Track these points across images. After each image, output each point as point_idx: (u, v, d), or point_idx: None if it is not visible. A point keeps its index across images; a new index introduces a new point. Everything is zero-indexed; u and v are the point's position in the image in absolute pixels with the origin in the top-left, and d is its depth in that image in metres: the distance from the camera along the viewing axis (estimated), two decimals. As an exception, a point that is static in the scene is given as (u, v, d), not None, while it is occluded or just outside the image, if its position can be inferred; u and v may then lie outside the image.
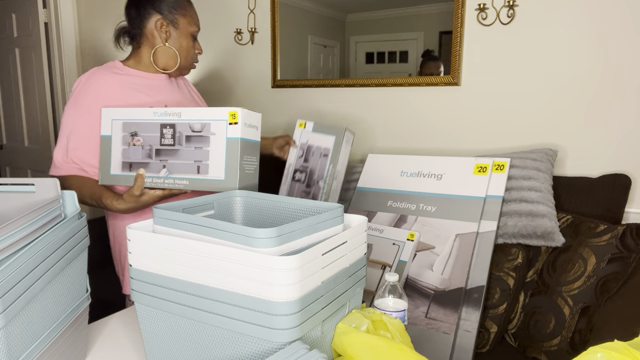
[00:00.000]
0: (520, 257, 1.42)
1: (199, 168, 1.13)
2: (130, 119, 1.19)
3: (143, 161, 1.18)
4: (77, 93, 1.28)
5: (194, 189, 1.14)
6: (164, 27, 1.32)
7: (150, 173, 1.17)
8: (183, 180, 1.14)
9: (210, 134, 1.12)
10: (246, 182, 1.13)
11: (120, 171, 1.20)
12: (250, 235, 0.66)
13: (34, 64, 2.96)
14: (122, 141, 1.20)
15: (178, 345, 0.76)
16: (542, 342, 1.32)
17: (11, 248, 0.65)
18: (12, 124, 3.25)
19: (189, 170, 1.14)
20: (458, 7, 1.78)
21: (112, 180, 1.22)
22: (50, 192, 0.79)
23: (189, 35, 1.37)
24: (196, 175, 1.13)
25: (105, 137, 1.22)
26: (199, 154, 1.13)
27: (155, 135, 1.17)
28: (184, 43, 1.37)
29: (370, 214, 1.62)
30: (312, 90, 2.20)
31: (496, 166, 1.50)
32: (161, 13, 1.31)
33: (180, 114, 1.15)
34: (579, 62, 1.63)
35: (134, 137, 1.19)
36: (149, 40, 1.34)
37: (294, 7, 2.21)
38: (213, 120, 1.12)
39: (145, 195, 1.16)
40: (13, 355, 0.64)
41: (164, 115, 1.16)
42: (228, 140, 1.10)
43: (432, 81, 1.89)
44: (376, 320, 0.79)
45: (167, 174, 1.16)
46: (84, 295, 0.85)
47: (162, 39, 1.33)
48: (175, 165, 1.15)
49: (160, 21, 1.31)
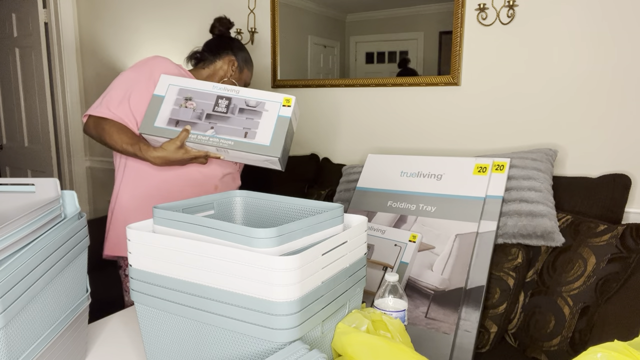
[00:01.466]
0: (520, 257, 1.42)
1: (246, 133, 1.27)
2: (188, 86, 1.33)
3: (191, 121, 1.30)
4: (143, 62, 1.43)
5: (238, 149, 1.26)
6: (234, 67, 1.55)
7: (196, 131, 1.28)
8: (229, 140, 1.27)
9: (264, 110, 1.29)
10: (284, 156, 1.29)
11: (165, 125, 1.30)
12: (250, 235, 0.66)
13: (34, 64, 2.96)
14: (175, 102, 1.32)
15: (178, 345, 0.76)
16: (542, 342, 1.32)
17: (11, 248, 0.65)
18: (12, 124, 3.25)
19: (237, 134, 1.27)
20: (458, 7, 1.78)
21: (154, 131, 1.30)
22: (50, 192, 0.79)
23: (243, 82, 1.61)
24: (243, 138, 1.27)
25: (158, 96, 1.33)
26: (248, 123, 1.28)
27: (209, 103, 1.31)
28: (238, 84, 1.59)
29: (370, 214, 1.62)
30: (312, 90, 2.20)
31: (496, 166, 1.50)
32: (236, 58, 1.56)
33: (239, 91, 1.32)
34: (579, 62, 1.63)
35: (188, 101, 1.32)
36: (215, 69, 1.55)
37: (294, 7, 2.21)
38: (269, 100, 1.30)
39: (183, 148, 1.29)
40: (13, 355, 0.64)
41: (223, 89, 1.32)
42: (279, 117, 1.28)
43: (432, 81, 1.89)
44: (376, 320, 0.79)
45: (214, 134, 1.28)
46: (84, 295, 0.85)
47: (228, 74, 1.56)
48: (224, 128, 1.28)
49: (233, 62, 1.55)
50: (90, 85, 3.04)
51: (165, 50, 2.66)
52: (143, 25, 2.71)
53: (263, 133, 1.27)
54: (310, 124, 2.24)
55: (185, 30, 2.57)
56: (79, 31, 3.01)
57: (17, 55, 3.07)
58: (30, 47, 2.95)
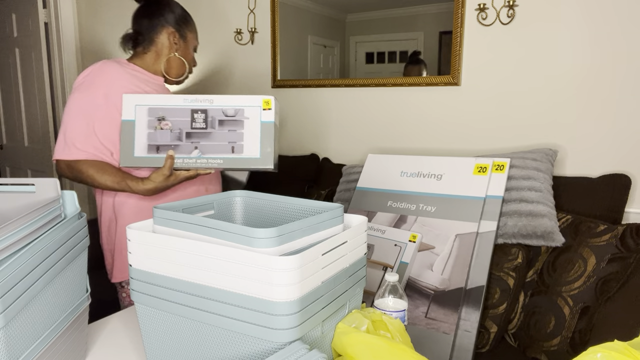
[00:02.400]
0: (520, 257, 1.42)
1: (233, 148, 1.21)
2: (157, 104, 1.24)
3: (172, 143, 1.23)
4: (91, 80, 1.31)
5: (228, 167, 1.21)
6: (175, 39, 1.41)
7: (180, 154, 1.22)
8: (217, 159, 1.22)
9: (244, 118, 1.21)
10: (275, 161, 1.24)
11: (146, 153, 1.23)
12: (250, 235, 0.66)
13: (34, 64, 2.96)
14: (148, 125, 1.23)
15: (178, 345, 0.76)
16: (542, 342, 1.32)
17: (11, 248, 0.65)
18: (12, 124, 3.25)
19: (223, 150, 1.21)
20: (458, 7, 1.78)
21: (136, 162, 1.24)
22: (50, 192, 0.79)
23: (191, 48, 1.48)
24: (231, 154, 1.21)
25: (128, 121, 1.24)
26: (232, 136, 1.21)
27: (185, 119, 1.23)
28: (188, 55, 1.47)
29: (370, 214, 1.62)
30: (312, 90, 2.20)
31: (496, 166, 1.50)
32: (174, 26, 1.40)
33: (213, 100, 1.23)
34: (578, 62, 1.63)
35: (162, 122, 1.23)
36: (158, 48, 1.41)
37: (294, 7, 2.21)
38: (247, 106, 1.21)
39: (172, 175, 1.23)
40: (13, 355, 0.64)
41: (195, 101, 1.23)
42: (262, 123, 1.21)
43: (432, 81, 1.89)
44: (376, 320, 0.79)
45: (200, 154, 1.22)
46: (84, 295, 0.85)
47: (173, 49, 1.41)
48: (208, 146, 1.22)
49: (173, 34, 1.40)
50: (90, 85, 3.04)
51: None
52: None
53: (250, 144, 1.20)
54: (310, 124, 2.24)
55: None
56: (79, 31, 3.01)
57: (17, 55, 3.07)
58: (30, 47, 2.95)
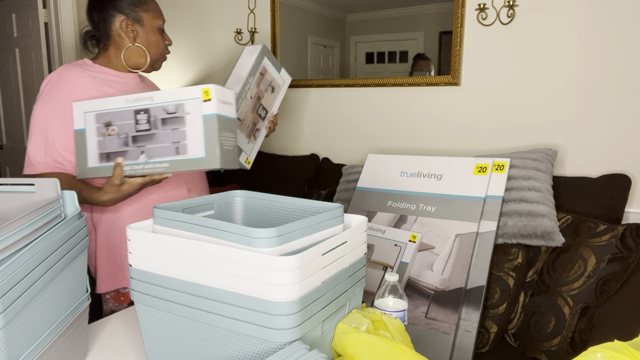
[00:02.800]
0: (520, 257, 1.42)
1: (177, 149, 1.10)
2: (102, 109, 1.16)
3: (120, 150, 1.15)
4: (49, 90, 1.26)
5: (175, 170, 1.12)
6: (129, 27, 1.30)
7: (128, 161, 1.14)
8: (163, 163, 1.12)
9: (185, 114, 1.09)
10: (226, 158, 1.10)
11: (99, 163, 1.17)
12: (250, 235, 0.66)
13: (34, 64, 2.96)
14: (97, 133, 1.17)
15: (178, 345, 0.76)
16: (542, 342, 1.32)
17: (11, 248, 0.65)
18: (12, 124, 3.25)
19: (168, 152, 1.11)
20: (458, 7, 1.78)
21: (91, 173, 1.18)
22: (50, 192, 0.79)
23: (155, 29, 1.34)
24: (176, 156, 1.11)
25: (79, 131, 1.19)
26: (176, 135, 1.10)
27: (129, 122, 1.14)
28: (152, 38, 1.34)
29: (370, 214, 1.62)
30: (312, 90, 2.20)
31: (496, 166, 1.50)
32: (124, 13, 1.29)
33: (153, 97, 1.12)
34: (579, 62, 1.63)
35: (109, 127, 1.16)
36: (116, 41, 1.32)
37: (294, 7, 2.21)
38: (187, 99, 1.09)
39: (125, 184, 1.15)
40: (13, 355, 0.64)
41: (136, 101, 1.14)
42: (204, 117, 1.08)
43: (432, 81, 1.89)
44: (376, 320, 0.79)
45: (147, 159, 1.13)
46: (84, 295, 0.85)
47: (130, 38, 1.30)
48: (154, 149, 1.12)
49: (125, 21, 1.29)
50: (90, 85, 3.04)
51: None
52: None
53: (193, 143, 1.09)
54: (310, 124, 2.24)
55: (185, 31, 2.57)
56: (79, 31, 3.01)
57: (17, 55, 3.07)
58: (30, 47, 2.95)
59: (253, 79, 1.42)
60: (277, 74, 1.52)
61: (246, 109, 1.41)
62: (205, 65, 2.50)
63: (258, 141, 1.50)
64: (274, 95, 1.53)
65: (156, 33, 1.35)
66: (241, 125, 1.39)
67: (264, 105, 1.50)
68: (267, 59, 1.47)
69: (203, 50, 2.50)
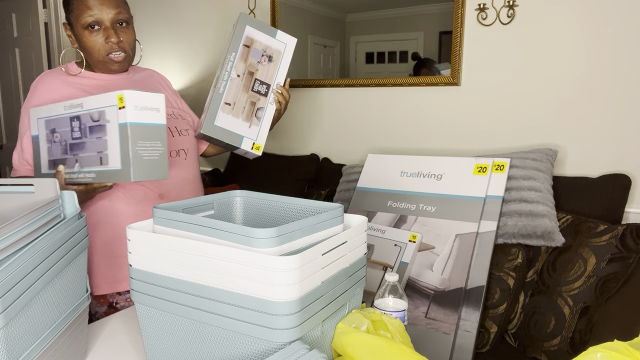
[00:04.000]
0: (520, 257, 1.42)
1: (101, 159, 1.04)
2: (48, 116, 1.14)
3: (62, 157, 1.11)
4: (29, 96, 1.25)
5: (99, 181, 1.06)
6: (67, 31, 1.27)
7: (68, 169, 1.10)
8: (91, 173, 1.07)
9: (106, 122, 1.03)
10: (145, 170, 1.01)
11: (48, 169, 1.15)
12: (250, 235, 0.66)
13: (34, 64, 2.96)
14: (46, 139, 1.14)
15: (178, 345, 0.76)
16: (542, 342, 1.32)
17: (11, 248, 0.65)
18: (12, 124, 3.25)
19: (94, 162, 1.06)
20: (458, 7, 1.78)
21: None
22: (49, 192, 0.79)
23: (82, 29, 1.22)
24: (100, 166, 1.05)
25: (35, 137, 1.18)
26: (100, 144, 1.05)
27: (67, 129, 1.10)
28: (83, 38, 1.23)
29: (370, 214, 1.62)
30: (312, 90, 2.20)
31: (496, 166, 1.50)
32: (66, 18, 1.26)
33: (82, 104, 1.07)
34: (578, 62, 1.63)
35: (54, 134, 1.12)
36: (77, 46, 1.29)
37: (294, 7, 2.21)
38: (106, 107, 1.02)
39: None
40: (13, 355, 0.64)
41: (70, 107, 1.09)
42: (120, 126, 1.00)
43: (432, 81, 1.89)
44: (376, 320, 0.79)
45: (80, 168, 1.08)
46: (84, 295, 0.85)
47: (71, 42, 1.27)
48: (84, 158, 1.08)
49: (65, 26, 1.27)
50: (90, 85, 3.04)
51: (166, 51, 2.67)
52: (143, 25, 2.71)
53: (113, 154, 1.02)
54: (310, 124, 2.24)
55: (185, 31, 2.57)
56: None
57: (17, 55, 3.07)
58: (30, 47, 2.95)
59: (235, 54, 1.31)
60: (271, 39, 1.36)
61: (234, 89, 1.30)
62: (206, 65, 2.50)
63: (265, 122, 1.35)
64: (273, 64, 1.37)
65: (84, 32, 1.22)
66: (233, 110, 1.29)
67: (261, 79, 1.35)
68: (251, 27, 1.33)
69: (203, 50, 2.50)
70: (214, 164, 2.55)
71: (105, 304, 1.29)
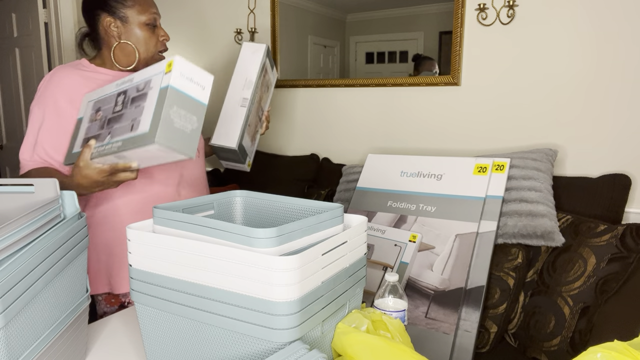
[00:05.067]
0: (520, 257, 1.42)
1: (132, 126, 0.99)
2: (98, 97, 1.14)
3: (97, 133, 1.09)
4: (42, 91, 1.25)
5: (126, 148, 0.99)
6: (112, 25, 1.27)
7: (98, 142, 1.06)
8: (118, 142, 1.01)
9: (149, 89, 0.99)
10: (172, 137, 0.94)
11: (79, 148, 1.12)
12: (250, 235, 0.66)
13: (34, 64, 2.96)
14: (89, 119, 1.13)
15: (178, 345, 0.76)
16: (542, 342, 1.32)
17: (11, 248, 0.65)
18: (12, 124, 3.25)
19: (125, 130, 1.01)
20: (458, 7, 1.78)
21: (74, 158, 1.12)
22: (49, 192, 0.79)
23: (142, 25, 1.29)
24: (129, 133, 0.99)
25: (79, 120, 1.17)
26: (136, 112, 1.00)
27: (110, 106, 1.09)
28: (140, 35, 1.29)
29: (370, 214, 1.62)
30: (312, 90, 2.20)
31: (496, 166, 1.50)
32: (108, 11, 1.26)
33: (133, 78, 1.06)
34: (578, 62, 1.63)
35: (97, 113, 1.12)
36: (106, 40, 1.30)
37: (294, 7, 2.21)
38: (154, 75, 1.00)
39: (87, 167, 1.05)
40: (13, 355, 0.64)
41: (121, 84, 1.09)
42: (160, 90, 0.96)
43: (432, 81, 1.89)
44: (376, 320, 0.79)
45: (110, 140, 1.03)
46: (84, 295, 0.85)
47: (115, 37, 1.28)
48: (117, 129, 1.03)
49: (108, 20, 1.27)
50: (90, 85, 3.04)
51: (165, 50, 2.66)
52: (143, 25, 2.70)
53: (145, 119, 0.96)
54: (310, 124, 2.24)
55: (185, 30, 2.57)
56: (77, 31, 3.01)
57: (17, 55, 3.07)
58: (30, 47, 2.95)
59: (259, 81, 1.43)
60: (271, 72, 1.53)
61: (253, 113, 1.42)
62: (206, 65, 2.49)
63: (256, 142, 1.52)
64: (268, 94, 1.53)
65: (144, 29, 1.29)
66: (248, 131, 1.40)
67: (262, 106, 1.50)
68: (267, 58, 1.47)
69: (203, 50, 2.50)
70: (214, 164, 2.55)
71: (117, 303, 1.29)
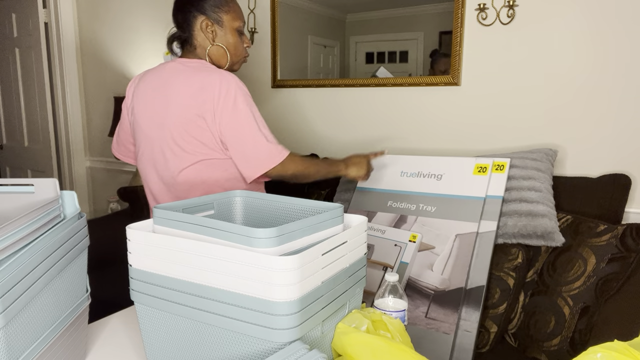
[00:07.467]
0: (520, 257, 1.42)
1: None
2: None
3: None
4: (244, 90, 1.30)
5: None
6: (209, 27, 1.34)
7: None
8: None
9: None
10: None
11: None
12: (250, 235, 0.66)
13: (34, 64, 2.96)
14: None
15: (178, 345, 0.76)
16: (542, 342, 1.32)
17: (11, 248, 0.65)
18: (12, 124, 3.25)
19: None
20: (458, 7, 1.78)
21: None
22: (49, 192, 0.79)
23: (234, 31, 1.39)
24: None
25: None
26: None
27: None
28: (231, 39, 1.39)
29: (370, 214, 1.62)
30: (312, 90, 2.20)
31: (496, 166, 1.50)
32: (205, 14, 1.34)
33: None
34: (578, 62, 1.63)
35: None
36: (199, 42, 1.36)
37: (294, 7, 2.21)
38: None
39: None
40: (13, 355, 0.64)
41: None
42: None
43: (432, 81, 1.88)
44: (376, 320, 0.79)
45: None
46: (84, 295, 0.85)
47: (209, 39, 1.35)
48: None
49: (205, 22, 1.33)
50: (90, 85, 3.04)
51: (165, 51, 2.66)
52: (143, 25, 2.71)
53: None
54: (310, 124, 2.24)
55: (185, 30, 2.57)
56: (79, 31, 3.01)
57: (17, 55, 3.07)
58: (30, 47, 2.95)
59: None
60: None
61: None
62: (205, 65, 2.49)
63: None
64: None
65: (235, 35, 1.39)
66: None
67: None
68: None
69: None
70: (214, 164, 2.54)
71: None
